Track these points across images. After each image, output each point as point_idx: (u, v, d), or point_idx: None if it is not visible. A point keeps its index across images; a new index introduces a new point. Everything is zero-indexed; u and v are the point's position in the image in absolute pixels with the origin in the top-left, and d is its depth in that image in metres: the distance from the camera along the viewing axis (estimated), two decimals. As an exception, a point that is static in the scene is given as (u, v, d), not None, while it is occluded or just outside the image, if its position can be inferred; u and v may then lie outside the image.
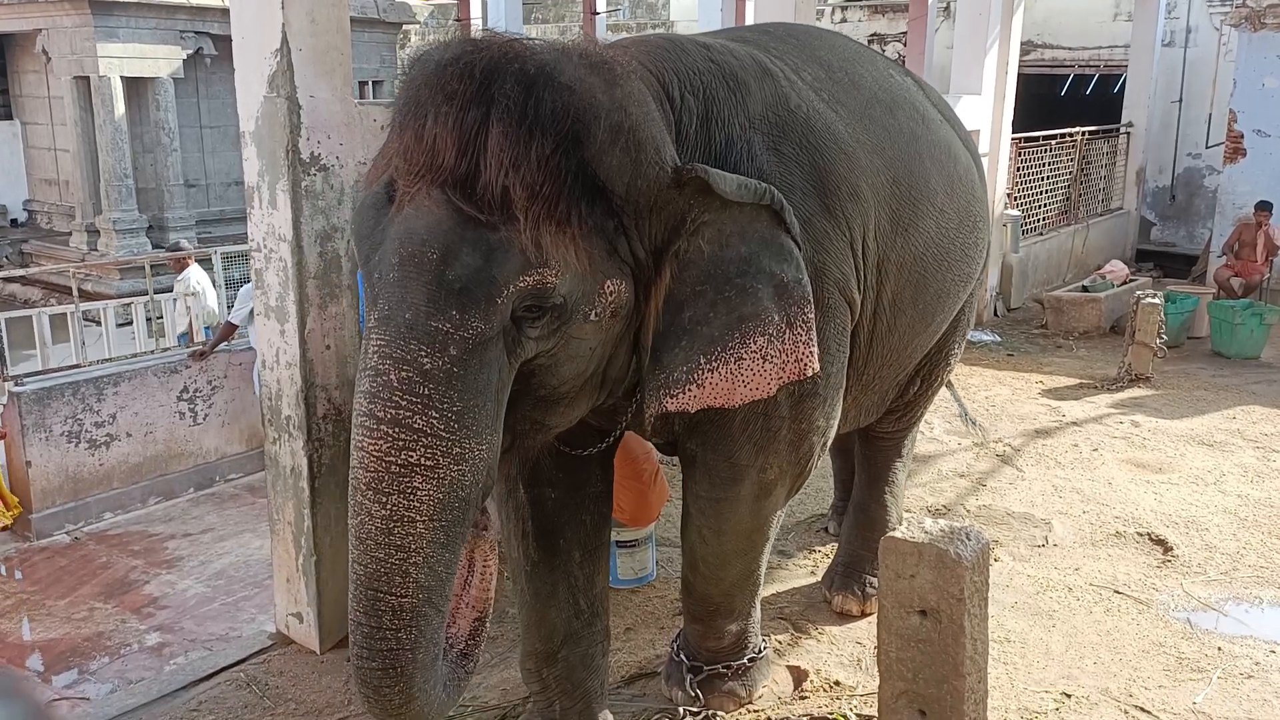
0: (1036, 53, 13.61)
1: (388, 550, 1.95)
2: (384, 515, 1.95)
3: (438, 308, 1.95)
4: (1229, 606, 3.95)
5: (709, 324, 2.28)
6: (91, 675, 4.12)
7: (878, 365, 3.11)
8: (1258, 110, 10.33)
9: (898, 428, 3.77)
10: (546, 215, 1.97)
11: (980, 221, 3.41)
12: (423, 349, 1.94)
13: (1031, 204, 10.04)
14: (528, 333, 2.05)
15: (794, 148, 2.58)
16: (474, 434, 1.98)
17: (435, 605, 2.02)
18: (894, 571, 2.40)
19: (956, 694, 2.37)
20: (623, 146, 2.08)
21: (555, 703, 2.89)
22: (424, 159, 1.98)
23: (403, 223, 2.01)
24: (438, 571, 2.00)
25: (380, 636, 1.97)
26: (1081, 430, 6.08)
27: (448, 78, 1.99)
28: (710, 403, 2.33)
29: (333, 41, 3.46)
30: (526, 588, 2.82)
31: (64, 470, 5.69)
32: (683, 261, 2.26)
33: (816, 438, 2.78)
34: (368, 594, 1.98)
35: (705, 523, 2.83)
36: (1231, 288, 9.26)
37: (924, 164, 3.06)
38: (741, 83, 2.56)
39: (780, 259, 2.33)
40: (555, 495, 2.77)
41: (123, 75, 13.35)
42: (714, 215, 2.26)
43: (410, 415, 1.93)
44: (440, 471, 1.96)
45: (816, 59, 2.95)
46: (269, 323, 3.61)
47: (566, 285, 2.03)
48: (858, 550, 3.81)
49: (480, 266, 1.96)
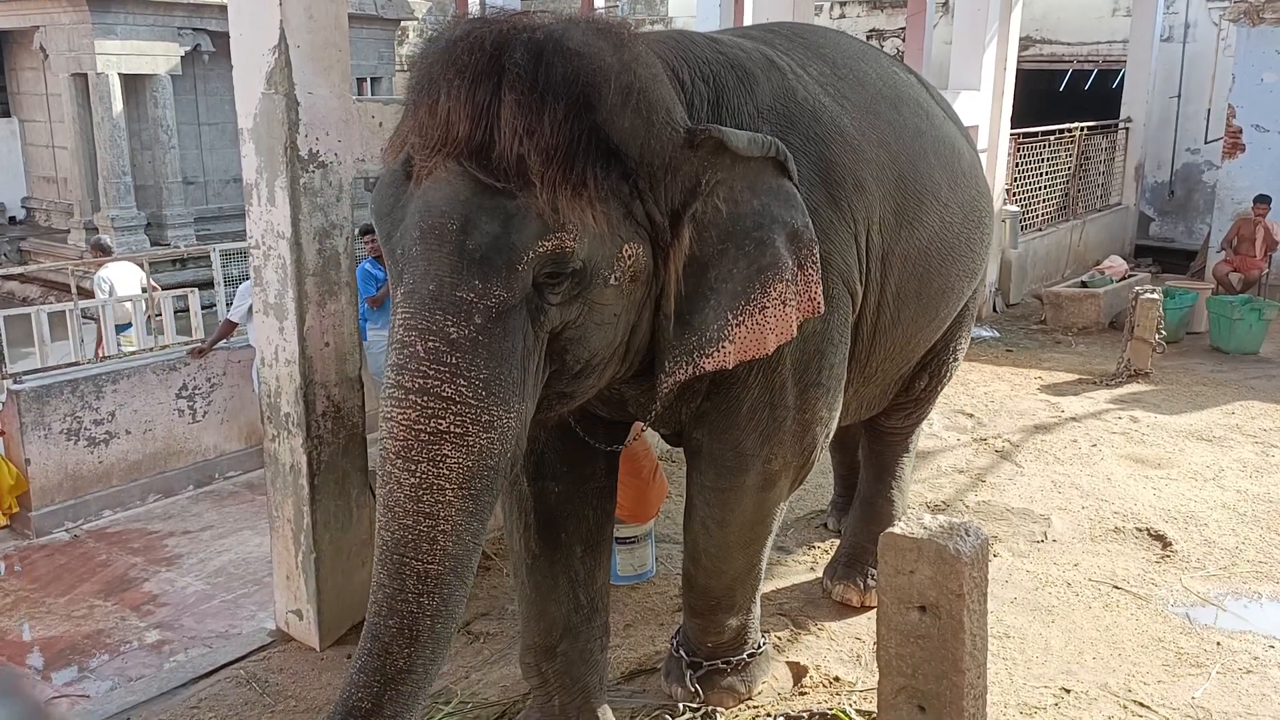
0: (1035, 48, 13.60)
1: (416, 517, 1.96)
2: (413, 483, 1.96)
3: (460, 277, 1.97)
4: (1228, 601, 3.95)
5: (732, 280, 2.33)
6: (91, 673, 4.12)
7: (880, 358, 3.13)
8: (1256, 105, 10.33)
9: (906, 423, 3.80)
10: (562, 179, 1.99)
11: (984, 216, 3.44)
12: (448, 319, 1.97)
13: (1030, 199, 10.04)
14: (549, 299, 2.07)
15: (800, 139, 2.61)
16: (502, 401, 2.00)
17: (460, 575, 2.02)
18: (893, 567, 2.40)
19: (956, 689, 2.37)
20: (634, 108, 2.10)
21: (554, 698, 2.90)
22: (439, 133, 2.01)
23: (422, 197, 2.04)
24: (465, 540, 2.01)
25: (403, 599, 1.98)
26: (1080, 426, 6.09)
27: (459, 52, 2.02)
28: (744, 355, 2.37)
29: (330, 38, 3.46)
30: (527, 581, 2.82)
31: (63, 468, 5.69)
32: (701, 223, 2.29)
33: (820, 428, 2.81)
34: (394, 559, 1.98)
35: (710, 513, 2.84)
36: (1230, 283, 9.26)
37: (928, 159, 3.09)
38: (750, 74, 2.60)
39: (789, 206, 2.39)
40: (559, 489, 2.78)
41: (120, 72, 13.33)
42: (726, 173, 2.30)
43: (438, 384, 1.96)
44: (469, 439, 1.97)
45: (822, 56, 2.98)
46: (268, 320, 3.61)
47: (585, 249, 2.06)
48: (862, 542, 3.82)
49: (499, 234, 1.98)
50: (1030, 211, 10.05)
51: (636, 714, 3.14)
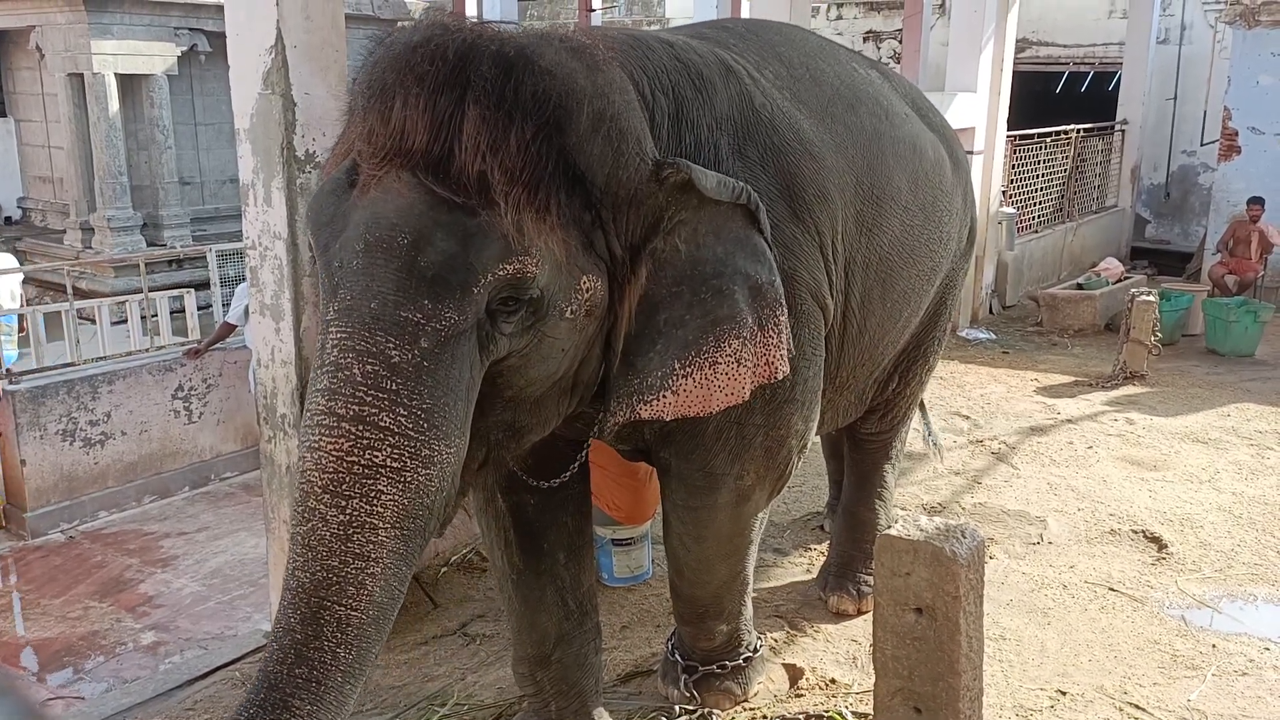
0: (1032, 50, 13.62)
1: (344, 558, 1.77)
2: (342, 520, 1.77)
3: (408, 296, 1.81)
4: (1224, 604, 3.95)
5: (684, 327, 2.20)
6: (87, 674, 4.11)
7: (851, 367, 3.06)
8: (1252, 107, 10.35)
9: (881, 428, 3.72)
10: (527, 201, 1.87)
11: (945, 215, 3.33)
12: (390, 341, 1.80)
13: (1026, 201, 10.05)
14: (501, 327, 1.93)
15: (759, 150, 2.51)
16: (443, 435, 1.84)
17: (380, 628, 1.83)
18: (889, 569, 2.40)
19: (952, 691, 2.37)
20: (604, 135, 2.00)
21: (550, 703, 2.89)
22: (392, 141, 1.88)
23: (368, 207, 1.89)
24: (391, 587, 1.82)
25: (316, 647, 1.77)
26: (1076, 428, 6.09)
27: (417, 59, 1.89)
28: (685, 411, 2.24)
29: (327, 38, 3.45)
30: (514, 595, 2.78)
31: (59, 469, 5.68)
32: (659, 261, 2.18)
33: (795, 442, 2.73)
34: (311, 603, 1.78)
35: (685, 530, 2.79)
36: (1226, 285, 9.28)
37: (887, 162, 2.99)
38: (707, 81, 2.47)
39: (755, 260, 2.27)
40: (535, 500, 2.70)
41: (117, 72, 13.29)
42: (690, 214, 2.18)
43: (376, 412, 1.78)
44: (407, 474, 1.80)
45: (777, 55, 2.88)
46: (264, 321, 3.60)
47: (545, 277, 1.94)
48: (849, 552, 3.81)
49: (456, 253, 1.84)
50: (1026, 213, 10.06)
51: (633, 716, 3.14)
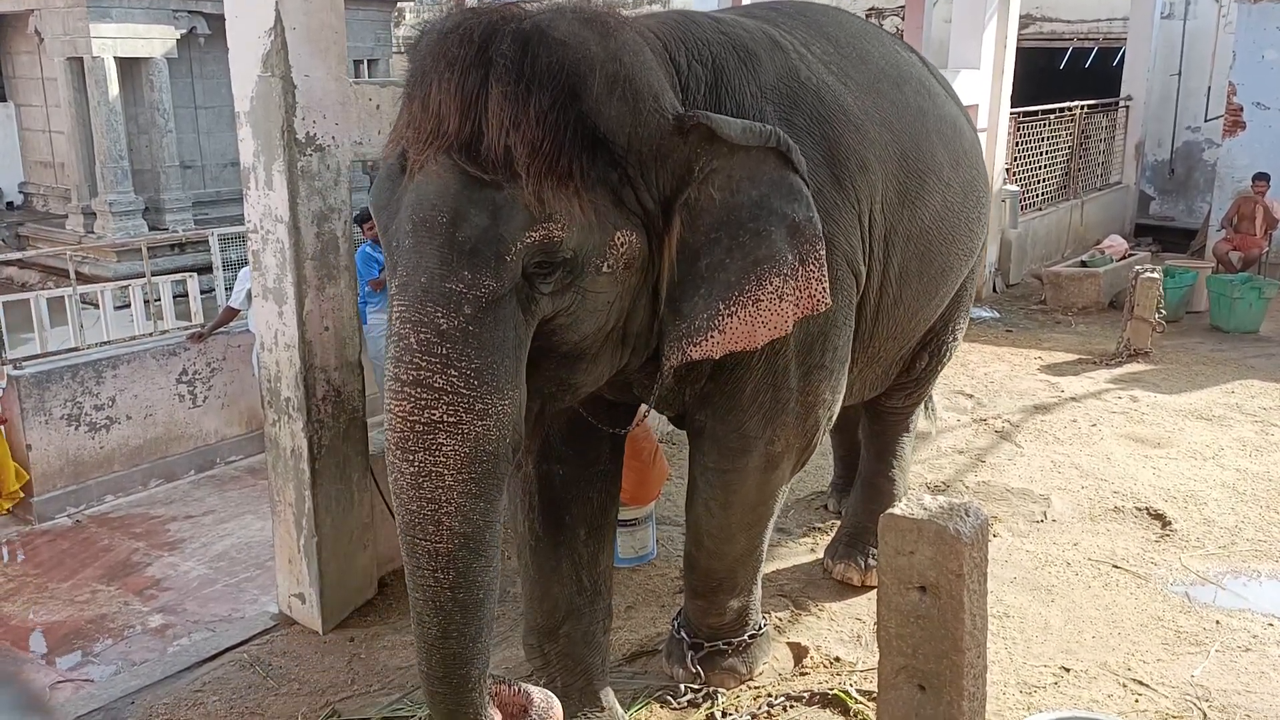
0: (1035, 26, 13.53)
1: (420, 503, 2.04)
2: (413, 471, 2.03)
3: (450, 269, 2.01)
4: (1227, 580, 3.96)
5: (725, 270, 2.32)
6: (95, 657, 4.13)
7: (883, 338, 3.13)
8: (1257, 82, 10.28)
9: (906, 404, 3.81)
10: (548, 170, 2.01)
11: (983, 196, 3.45)
12: (438, 310, 2.01)
13: (1030, 179, 10.00)
14: (540, 289, 2.10)
15: (805, 119, 2.61)
16: (495, 389, 2.04)
17: (473, 549, 2.08)
18: (894, 548, 2.40)
19: (956, 669, 2.38)
20: (620, 96, 2.11)
21: (557, 679, 2.91)
22: (431, 126, 2.05)
23: (414, 190, 2.08)
24: (473, 519, 2.06)
25: (421, 575, 2.08)
26: (1080, 406, 6.09)
27: (449, 45, 2.05)
28: (733, 347, 2.36)
29: (327, 20, 3.44)
30: (531, 562, 2.84)
31: (64, 453, 5.69)
32: (694, 210, 2.28)
33: (823, 411, 2.82)
34: (408, 539, 2.08)
35: (712, 495, 2.85)
36: (1230, 262, 9.24)
37: (930, 138, 3.09)
38: (752, 54, 2.59)
39: (791, 199, 2.36)
40: (564, 472, 2.80)
41: (116, 56, 13.23)
42: (722, 161, 2.28)
43: (430, 375, 2.01)
44: (464, 427, 2.02)
45: (825, 34, 2.97)
46: (267, 304, 3.60)
47: (575, 239, 2.08)
48: (863, 522, 3.83)
49: (488, 226, 2.02)
50: (1030, 191, 10.02)
51: (638, 695, 3.15)
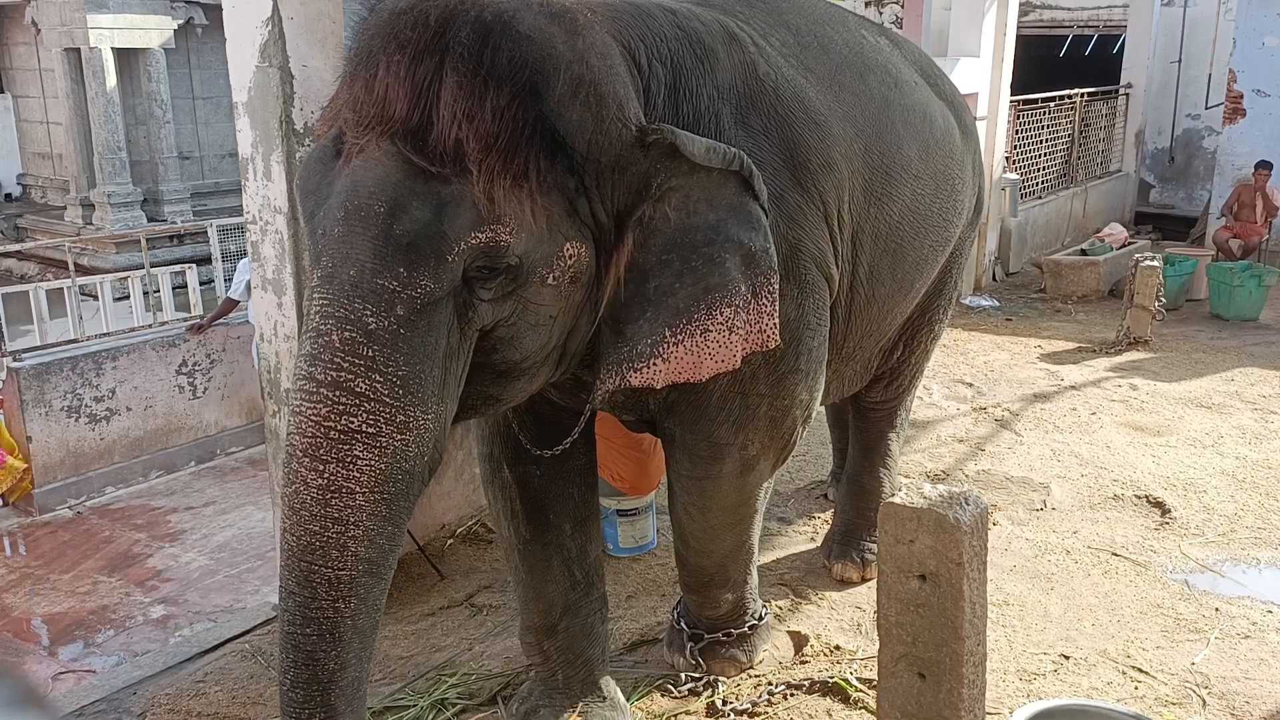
0: (1035, 13, 13.49)
1: (324, 522, 1.85)
2: (320, 485, 1.84)
3: (384, 264, 1.85)
4: (1226, 567, 3.97)
5: (674, 295, 2.18)
6: (97, 648, 4.15)
7: (858, 337, 3.06)
8: (1258, 70, 10.26)
9: (886, 396, 3.72)
10: (501, 169, 1.88)
11: (958, 183, 3.30)
12: (367, 308, 1.84)
13: (1030, 167, 9.99)
14: (480, 294, 1.95)
15: (763, 119, 2.48)
16: (419, 401, 1.88)
17: (375, 574, 1.92)
18: (893, 537, 2.41)
19: (955, 657, 2.39)
20: (583, 100, 1.98)
21: (557, 672, 2.91)
22: (374, 110, 1.89)
23: (350, 175, 1.92)
24: (379, 543, 1.90)
25: (317, 606, 1.88)
26: (1080, 394, 6.09)
27: (401, 26, 1.90)
28: (675, 378, 2.23)
29: (324, 9, 3.42)
30: (520, 565, 2.80)
31: (65, 445, 5.70)
32: (648, 228, 2.16)
33: (799, 412, 2.73)
34: (302, 565, 1.88)
35: (690, 500, 2.80)
36: (1230, 250, 9.24)
37: (896, 130, 2.95)
38: (709, 50, 2.44)
39: (748, 227, 2.24)
40: (540, 471, 2.72)
41: (113, 46, 13.21)
42: (681, 180, 2.16)
43: (352, 378, 1.83)
44: (383, 440, 1.85)
45: (784, 22, 2.83)
46: (266, 295, 3.60)
47: (522, 244, 1.94)
48: (853, 520, 3.82)
49: (430, 221, 1.86)
50: (1030, 179, 10.00)
51: (639, 684, 3.16)
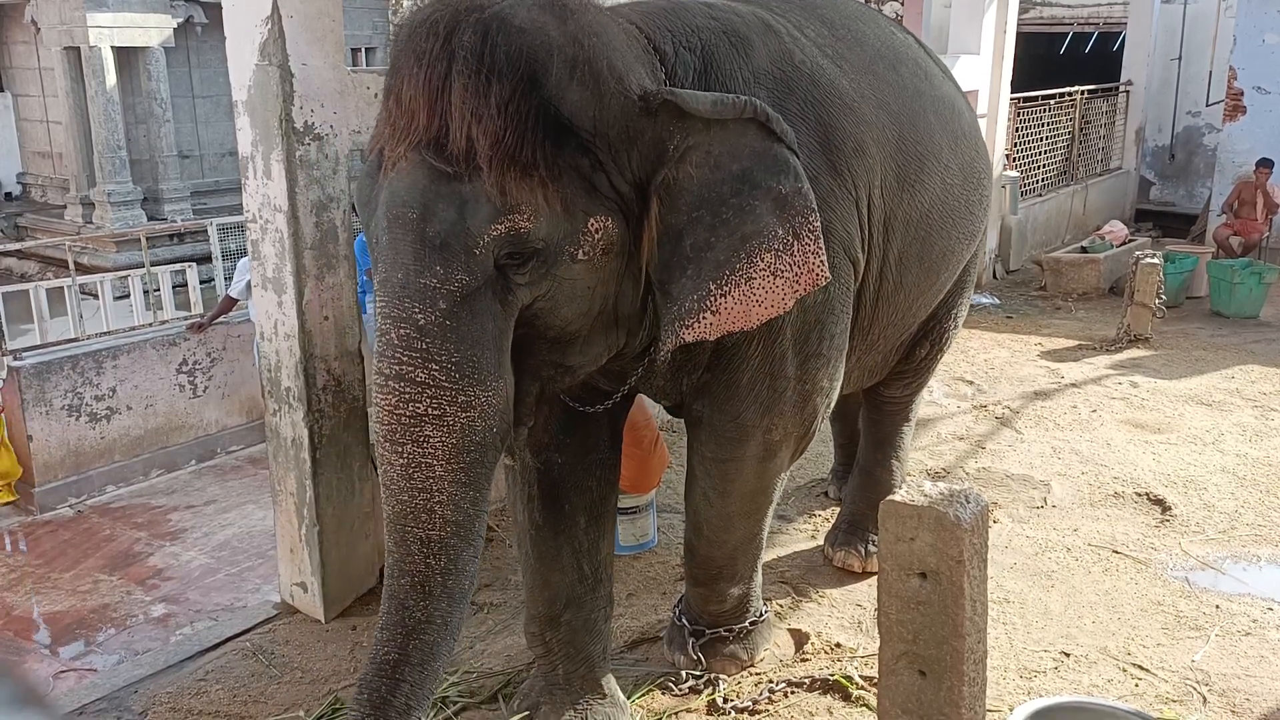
0: (1035, 10, 13.48)
1: (410, 493, 2.07)
2: (403, 463, 2.06)
3: (423, 264, 2.03)
4: (1227, 565, 3.97)
5: (712, 249, 2.25)
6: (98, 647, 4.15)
7: (883, 325, 3.11)
8: (1258, 67, 10.25)
9: (905, 393, 3.78)
10: (509, 161, 2.00)
11: (983, 178, 3.41)
12: (415, 306, 2.03)
13: (1030, 165, 9.98)
14: (515, 280, 2.10)
15: (799, 104, 2.57)
16: (477, 381, 2.06)
17: (463, 536, 2.11)
18: (894, 535, 2.41)
19: (956, 655, 2.39)
20: (580, 80, 2.07)
21: (558, 666, 2.92)
22: (404, 122, 2.06)
23: (389, 186, 2.09)
24: (463, 507, 2.10)
25: (411, 561, 2.10)
26: (1080, 391, 6.09)
27: (419, 39, 2.05)
28: (729, 327, 2.32)
29: (324, 8, 3.42)
30: (531, 551, 2.83)
31: (65, 444, 5.70)
32: (673, 190, 2.23)
33: (821, 399, 2.80)
34: (398, 529, 2.10)
35: (711, 484, 2.85)
36: (1231, 247, 9.23)
37: (928, 119, 3.05)
38: (744, 38, 2.55)
39: (775, 171, 2.28)
40: (562, 460, 2.78)
41: (113, 45, 13.19)
42: (699, 138, 2.22)
43: (412, 369, 2.04)
44: (448, 419, 2.05)
45: (820, 17, 2.94)
46: (266, 294, 3.60)
47: (543, 229, 2.06)
48: (862, 510, 3.83)
49: (455, 220, 2.03)
50: (1030, 177, 10.00)
51: (640, 682, 3.16)
